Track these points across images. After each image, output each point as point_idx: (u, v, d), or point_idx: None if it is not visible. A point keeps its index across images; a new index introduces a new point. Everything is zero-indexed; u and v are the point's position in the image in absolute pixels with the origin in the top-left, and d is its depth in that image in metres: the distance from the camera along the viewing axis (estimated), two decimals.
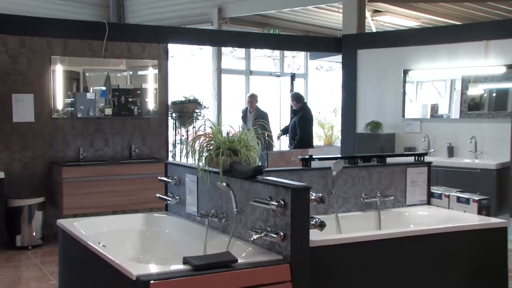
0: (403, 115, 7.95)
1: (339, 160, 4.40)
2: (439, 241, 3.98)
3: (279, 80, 12.45)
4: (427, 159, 4.98)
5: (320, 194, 3.64)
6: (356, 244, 3.66)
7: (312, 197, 3.45)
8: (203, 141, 3.80)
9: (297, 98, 9.65)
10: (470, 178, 6.70)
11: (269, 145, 7.67)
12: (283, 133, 10.11)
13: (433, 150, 7.48)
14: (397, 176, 4.72)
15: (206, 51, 11.66)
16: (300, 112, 9.45)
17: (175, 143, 8.50)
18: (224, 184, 3.63)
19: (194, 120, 8.16)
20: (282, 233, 3.19)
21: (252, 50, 11.99)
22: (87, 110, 6.93)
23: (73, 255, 4.19)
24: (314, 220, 3.31)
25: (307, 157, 4.42)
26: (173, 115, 8.11)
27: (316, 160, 4.47)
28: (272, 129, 10.08)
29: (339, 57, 9.05)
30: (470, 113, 7.44)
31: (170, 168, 4.62)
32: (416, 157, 4.96)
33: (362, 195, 4.57)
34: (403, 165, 4.79)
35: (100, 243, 3.74)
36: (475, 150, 7.21)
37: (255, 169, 3.52)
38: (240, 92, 12.01)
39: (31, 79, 6.64)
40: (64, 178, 6.38)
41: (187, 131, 8.35)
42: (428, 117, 7.84)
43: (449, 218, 4.49)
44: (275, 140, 10.25)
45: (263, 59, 13.66)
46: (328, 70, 14.76)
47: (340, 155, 5.90)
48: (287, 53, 13.07)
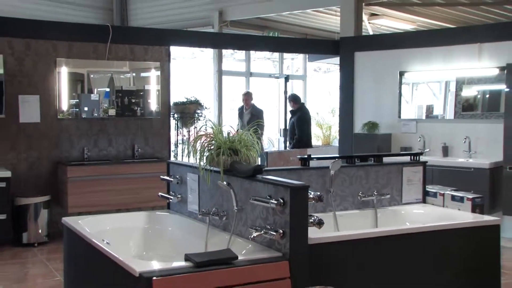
0: (399, 116, 7.95)
1: (337, 159, 4.39)
2: (434, 239, 3.98)
3: (278, 82, 12.43)
4: (422, 158, 4.98)
5: (319, 193, 3.64)
6: (353, 242, 3.66)
7: (311, 196, 3.45)
8: (204, 141, 3.80)
9: (295, 99, 9.65)
10: (464, 177, 6.70)
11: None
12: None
13: (428, 149, 7.48)
14: (393, 175, 4.72)
15: (207, 53, 11.66)
16: (298, 113, 9.45)
17: (177, 143, 8.49)
18: (224, 183, 3.62)
19: (196, 121, 8.15)
20: (281, 231, 3.19)
21: (252, 52, 11.99)
22: (91, 111, 6.93)
23: (78, 252, 4.19)
24: (313, 218, 3.31)
25: (306, 156, 4.42)
26: (175, 115, 8.10)
27: (315, 159, 4.47)
28: (267, 126, 10.15)
29: (336, 59, 9.05)
30: (464, 113, 7.44)
31: (172, 167, 4.62)
32: (412, 157, 4.96)
33: (359, 194, 4.57)
34: (399, 164, 4.79)
35: (104, 240, 3.74)
36: (469, 150, 7.21)
37: (255, 169, 3.52)
38: (241, 93, 11.98)
39: (37, 81, 6.64)
40: (69, 177, 6.38)
41: (188, 131, 8.35)
42: (424, 117, 7.84)
43: (443, 216, 4.49)
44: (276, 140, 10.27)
45: (263, 61, 13.67)
46: (326, 72, 14.76)
47: (338, 155, 5.90)
48: (286, 55, 13.08)
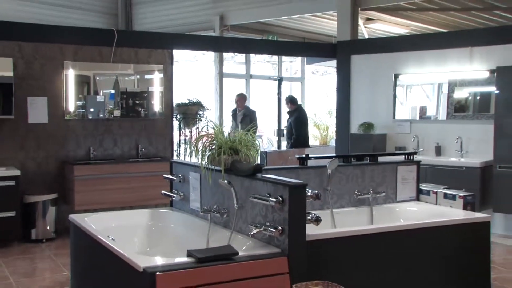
0: (394, 117, 7.94)
1: (334, 159, 4.39)
2: (427, 235, 3.98)
3: (277, 84, 12.41)
4: (416, 158, 4.98)
5: (316, 191, 3.64)
6: (350, 238, 3.65)
7: (309, 194, 3.44)
8: (206, 141, 3.80)
9: (292, 101, 9.67)
10: (456, 175, 6.70)
11: None
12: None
13: (421, 149, 7.48)
14: (388, 174, 4.72)
15: (209, 56, 11.66)
16: (295, 114, 9.46)
17: (180, 143, 8.49)
18: (225, 181, 3.62)
19: (197, 121, 8.15)
20: (280, 228, 3.19)
21: (252, 55, 11.98)
22: (97, 112, 6.93)
23: (84, 248, 4.19)
24: (310, 216, 3.31)
25: (304, 156, 4.42)
26: (178, 116, 8.10)
27: (312, 159, 4.46)
28: (267, 126, 10.12)
29: (333, 62, 9.04)
30: (456, 114, 7.44)
31: (175, 166, 4.62)
32: (406, 156, 4.96)
33: (356, 192, 4.57)
34: (393, 163, 4.79)
35: (109, 236, 3.73)
36: (460, 150, 7.21)
37: (255, 168, 3.51)
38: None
39: (44, 83, 6.63)
40: (75, 176, 6.38)
41: (190, 132, 8.34)
42: (417, 118, 7.84)
43: (436, 213, 4.49)
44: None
45: (262, 63, 13.66)
46: (324, 74, 14.76)
47: (335, 154, 5.90)
48: (284, 58, 13.07)
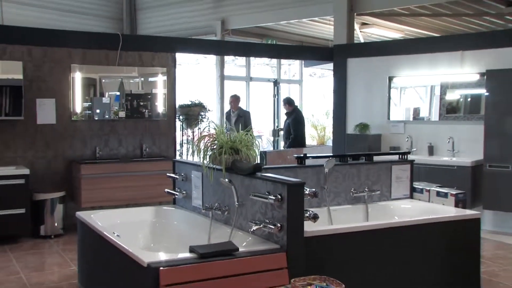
0: (389, 118, 7.94)
1: (330, 158, 4.40)
2: (420, 231, 3.99)
3: (275, 86, 12.41)
4: (410, 157, 4.99)
5: (314, 189, 3.65)
6: (346, 234, 3.66)
7: (306, 192, 3.45)
8: (208, 141, 3.80)
9: (289, 102, 9.69)
10: (448, 174, 6.70)
11: None
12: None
13: (415, 149, 7.48)
14: (383, 172, 4.72)
15: (210, 60, 11.65)
16: (293, 115, 9.47)
17: (182, 143, 8.48)
18: (226, 180, 3.62)
19: (199, 122, 8.14)
20: (279, 225, 3.19)
21: (252, 58, 11.98)
22: (103, 113, 6.93)
23: (90, 243, 4.20)
24: (308, 213, 3.31)
25: (302, 155, 4.42)
26: (180, 117, 8.09)
27: (310, 158, 4.47)
28: (265, 126, 10.09)
29: (330, 65, 9.04)
30: (448, 116, 7.44)
31: (178, 165, 4.62)
32: (400, 156, 4.97)
33: (352, 190, 4.57)
34: (388, 163, 4.80)
35: (114, 233, 3.74)
36: (452, 149, 7.21)
37: (255, 167, 3.52)
38: (241, 97, 11.97)
39: (53, 86, 6.63)
40: (82, 175, 6.38)
41: (193, 132, 8.33)
42: (411, 119, 7.83)
43: (429, 211, 4.50)
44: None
45: (262, 66, 13.65)
46: (321, 76, 14.75)
47: (331, 154, 5.90)
48: (283, 61, 13.06)
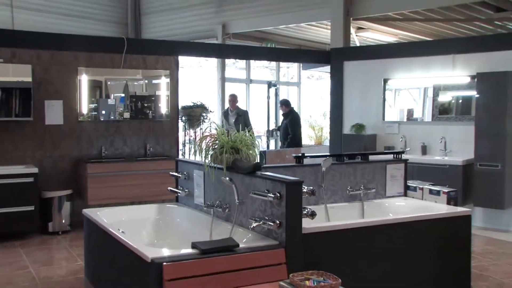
0: (383, 118, 7.93)
1: (328, 157, 4.39)
2: (414, 228, 3.98)
3: (274, 88, 12.40)
4: (404, 156, 4.98)
5: (311, 187, 3.64)
6: (342, 231, 3.65)
7: (304, 190, 3.44)
8: (209, 141, 3.80)
9: (286, 104, 9.71)
10: (440, 173, 6.70)
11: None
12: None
13: (409, 148, 7.47)
14: (378, 171, 4.72)
15: (212, 62, 11.64)
16: (290, 116, 9.47)
17: (185, 142, 8.47)
18: (227, 178, 3.62)
19: (201, 123, 8.13)
20: (278, 222, 3.18)
21: (252, 61, 11.98)
22: (108, 114, 6.93)
23: (96, 240, 4.19)
24: (306, 210, 3.31)
25: (300, 155, 4.42)
26: (183, 118, 8.08)
27: (308, 157, 4.46)
28: (264, 127, 10.07)
29: (327, 68, 9.03)
30: (440, 116, 7.43)
31: (180, 164, 4.62)
32: (395, 155, 4.96)
33: (348, 188, 4.56)
34: (383, 162, 4.79)
35: (119, 229, 3.73)
36: (444, 149, 7.20)
37: (255, 166, 3.51)
38: (241, 98, 11.96)
39: (60, 88, 6.63)
40: (88, 173, 6.38)
41: (195, 132, 8.33)
42: (405, 120, 7.83)
43: (422, 208, 4.49)
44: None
45: (262, 69, 13.64)
46: (318, 79, 14.73)
47: (328, 154, 5.90)
48: (282, 64, 13.06)
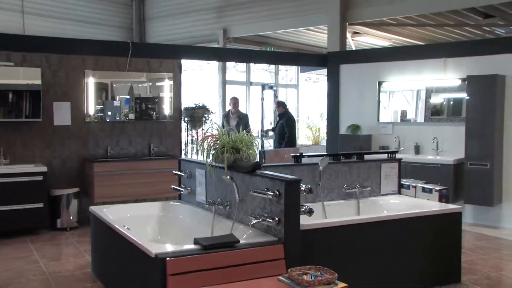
0: (378, 119, 7.92)
1: (325, 157, 4.39)
2: (407, 224, 3.98)
3: (273, 90, 12.40)
4: (397, 156, 4.98)
5: (309, 186, 3.63)
6: (339, 227, 3.65)
7: (302, 188, 3.44)
8: (211, 141, 3.79)
9: (281, 104, 9.69)
10: (433, 172, 6.70)
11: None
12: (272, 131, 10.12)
13: (402, 148, 7.47)
14: (373, 170, 4.72)
15: (213, 65, 11.62)
16: (285, 116, 9.46)
17: (187, 142, 8.47)
18: (228, 177, 3.61)
19: (203, 123, 8.12)
20: (277, 218, 3.18)
21: (251, 64, 11.97)
22: (114, 115, 6.91)
23: (102, 236, 4.19)
24: (304, 208, 3.30)
25: (298, 154, 4.41)
26: (185, 119, 8.07)
27: (306, 157, 4.46)
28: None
29: (324, 71, 9.02)
30: (432, 118, 7.42)
31: (183, 163, 4.61)
32: (389, 155, 4.96)
33: (344, 186, 4.56)
34: (378, 161, 4.79)
35: (124, 226, 3.73)
36: (436, 149, 7.20)
37: (255, 165, 3.51)
38: (242, 100, 11.95)
39: (68, 90, 6.61)
40: (95, 172, 6.36)
41: (197, 133, 8.31)
42: (399, 121, 7.82)
43: (415, 205, 4.49)
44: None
45: (261, 72, 13.62)
46: (316, 81, 14.71)
47: (325, 153, 5.89)
48: (281, 67, 13.05)
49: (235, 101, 9.23)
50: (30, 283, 4.34)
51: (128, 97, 7.07)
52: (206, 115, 8.22)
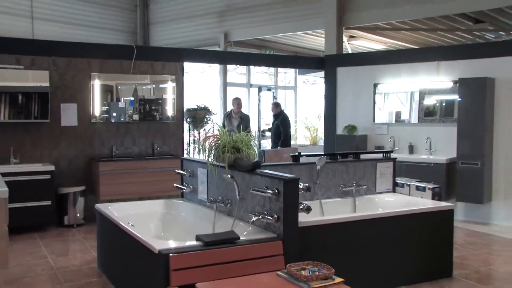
0: (374, 120, 7.92)
1: (322, 156, 4.39)
2: (402, 221, 3.98)
3: (271, 92, 12.39)
4: (392, 155, 4.98)
5: (307, 184, 3.63)
6: (336, 224, 3.65)
7: (300, 187, 3.44)
8: (212, 141, 3.79)
9: (277, 105, 9.68)
10: (426, 170, 6.69)
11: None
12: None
13: (397, 148, 7.46)
14: (368, 169, 4.71)
15: (214, 68, 11.62)
16: (281, 116, 9.44)
17: (189, 142, 8.47)
18: (229, 176, 3.61)
19: (205, 124, 8.12)
20: (276, 216, 3.18)
21: (251, 67, 11.96)
22: (119, 116, 6.91)
23: (108, 232, 4.18)
24: (302, 205, 3.30)
25: (297, 154, 4.41)
26: (188, 120, 8.07)
27: (304, 156, 4.46)
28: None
29: (322, 73, 9.00)
30: (426, 118, 7.42)
31: (185, 163, 4.61)
32: (384, 154, 4.95)
33: (341, 185, 4.56)
34: (373, 160, 4.79)
35: (129, 223, 3.73)
36: (430, 148, 7.19)
37: (254, 164, 3.51)
38: (242, 101, 11.92)
39: (75, 92, 6.61)
40: (100, 171, 6.36)
41: (199, 133, 8.32)
42: (393, 121, 7.81)
43: (409, 203, 4.49)
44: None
45: (261, 74, 13.62)
46: (313, 83, 14.69)
47: (323, 153, 5.89)
48: (280, 69, 13.04)
49: (239, 101, 9.11)
50: (39, 277, 4.34)
51: (132, 98, 7.06)
52: (207, 116, 8.22)
